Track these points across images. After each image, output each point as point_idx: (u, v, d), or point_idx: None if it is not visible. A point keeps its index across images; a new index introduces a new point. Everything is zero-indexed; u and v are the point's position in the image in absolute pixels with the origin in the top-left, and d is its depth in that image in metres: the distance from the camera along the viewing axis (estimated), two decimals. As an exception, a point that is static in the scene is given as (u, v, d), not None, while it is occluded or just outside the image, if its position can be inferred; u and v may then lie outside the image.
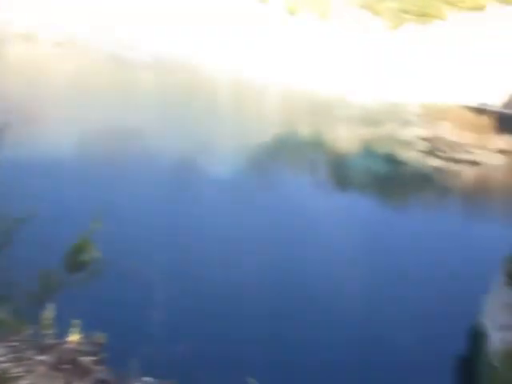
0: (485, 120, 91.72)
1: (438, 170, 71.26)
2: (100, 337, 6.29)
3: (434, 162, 73.67)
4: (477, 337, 33.64)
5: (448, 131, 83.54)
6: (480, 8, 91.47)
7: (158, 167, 56.38)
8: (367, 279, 37.55)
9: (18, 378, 5.43)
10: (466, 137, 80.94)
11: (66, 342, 5.96)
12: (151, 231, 40.66)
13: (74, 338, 5.83)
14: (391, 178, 66.29)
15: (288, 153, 71.92)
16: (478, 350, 31.80)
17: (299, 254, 40.66)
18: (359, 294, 35.51)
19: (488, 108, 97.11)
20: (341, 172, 67.79)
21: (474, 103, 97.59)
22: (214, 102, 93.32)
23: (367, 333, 31.71)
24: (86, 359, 5.62)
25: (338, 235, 44.31)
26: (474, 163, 73.44)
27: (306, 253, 40.83)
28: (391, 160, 72.34)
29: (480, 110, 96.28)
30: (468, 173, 70.86)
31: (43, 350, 6.16)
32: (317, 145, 76.56)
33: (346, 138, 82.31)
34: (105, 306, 28.14)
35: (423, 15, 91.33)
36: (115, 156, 57.58)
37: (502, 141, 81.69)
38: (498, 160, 75.62)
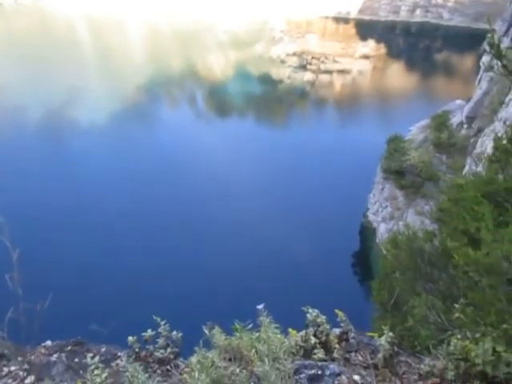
0: (346, 28, 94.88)
1: (309, 82, 73.47)
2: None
3: (306, 76, 75.74)
4: (366, 231, 36.59)
5: (315, 43, 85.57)
6: None
7: (25, 124, 51.94)
8: (260, 195, 38.61)
9: None
10: (331, 47, 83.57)
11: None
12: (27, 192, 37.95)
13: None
14: (268, 97, 67.15)
15: (163, 88, 69.44)
16: (368, 243, 34.65)
17: (192, 184, 40.50)
18: (253, 209, 36.49)
19: (347, 16, 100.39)
20: (218, 99, 67.21)
21: (334, 13, 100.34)
22: (75, 45, 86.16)
23: (266, 244, 33.00)
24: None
25: (225, 160, 44.53)
26: (342, 71, 76.68)
27: (199, 181, 40.76)
28: (265, 80, 72.97)
29: (340, 19, 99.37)
30: (338, 81, 73.82)
31: None
32: (190, 75, 74.69)
33: (218, 64, 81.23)
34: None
35: None
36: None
37: (365, 47, 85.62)
38: (364, 65, 79.57)
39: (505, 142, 7.40)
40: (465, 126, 35.38)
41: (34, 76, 64.38)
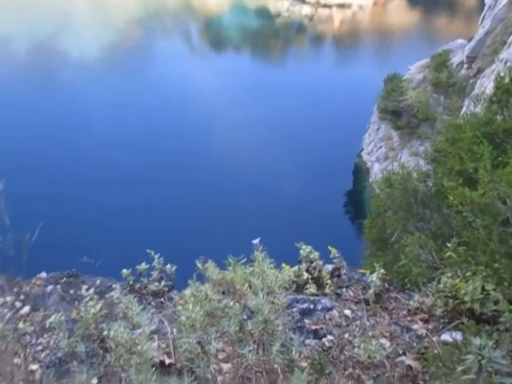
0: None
1: (308, 17, 71.01)
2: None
3: (304, 10, 73.06)
4: (360, 171, 36.72)
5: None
6: None
7: (12, 55, 50.36)
8: (254, 135, 38.33)
9: None
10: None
11: None
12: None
13: None
14: (264, 32, 65.04)
15: (156, 20, 66.89)
16: (362, 182, 34.88)
17: (186, 121, 40.02)
18: (248, 148, 36.33)
19: None
20: (213, 33, 65.04)
21: None
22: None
23: (260, 183, 33.07)
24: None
25: (219, 98, 43.72)
26: (341, 6, 73.92)
27: (193, 119, 40.27)
28: (262, 13, 70.37)
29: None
30: (338, 16, 71.37)
31: None
32: (184, 7, 71.82)
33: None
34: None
35: None
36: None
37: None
38: (364, 0, 76.61)
39: (507, 81, 7.24)
40: (465, 66, 34.64)
41: (22, 8, 61.83)
